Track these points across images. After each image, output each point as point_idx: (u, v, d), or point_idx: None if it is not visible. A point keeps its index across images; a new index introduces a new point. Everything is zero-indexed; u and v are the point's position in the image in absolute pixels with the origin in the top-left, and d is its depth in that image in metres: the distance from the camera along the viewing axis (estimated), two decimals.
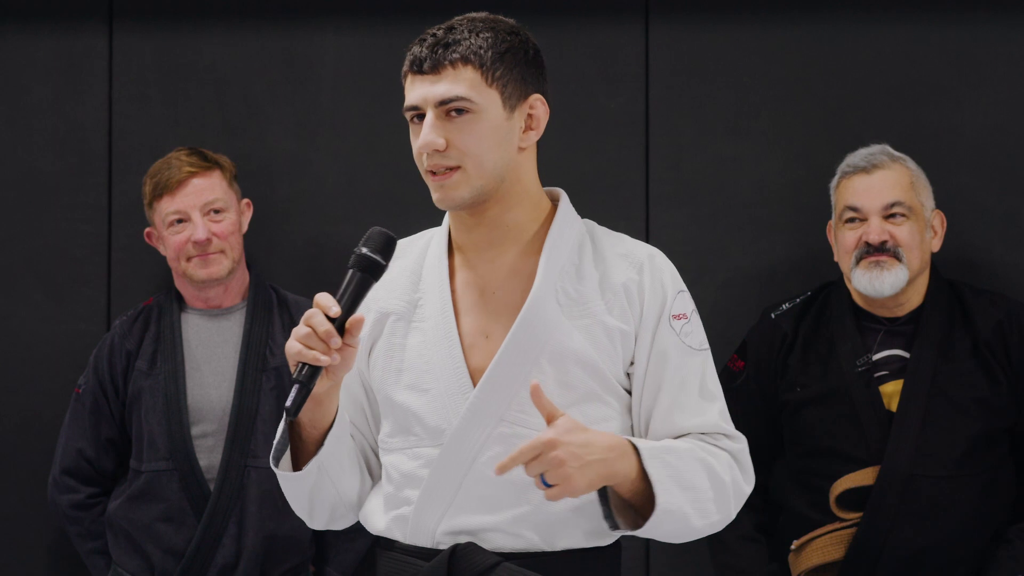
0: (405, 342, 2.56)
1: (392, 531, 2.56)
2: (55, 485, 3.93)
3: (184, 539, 3.81)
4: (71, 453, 3.91)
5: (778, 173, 4.08)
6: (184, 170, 3.84)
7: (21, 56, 4.20)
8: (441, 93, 2.48)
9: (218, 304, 3.93)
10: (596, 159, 4.09)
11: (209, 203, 3.85)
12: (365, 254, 2.41)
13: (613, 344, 2.52)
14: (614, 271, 2.55)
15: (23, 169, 4.19)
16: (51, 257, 4.18)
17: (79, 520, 3.91)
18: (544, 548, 2.50)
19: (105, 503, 3.91)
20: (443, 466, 2.50)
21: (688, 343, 2.56)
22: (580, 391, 2.51)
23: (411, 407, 2.54)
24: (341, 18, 4.17)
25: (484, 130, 2.49)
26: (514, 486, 2.47)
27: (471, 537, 2.50)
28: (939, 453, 3.63)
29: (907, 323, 3.73)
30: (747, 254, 4.07)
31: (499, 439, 2.48)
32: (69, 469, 3.91)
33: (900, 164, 3.73)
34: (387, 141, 4.13)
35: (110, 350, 3.91)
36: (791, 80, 4.09)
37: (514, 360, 2.49)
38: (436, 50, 2.49)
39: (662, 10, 4.10)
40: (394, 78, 4.20)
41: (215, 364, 3.88)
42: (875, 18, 4.07)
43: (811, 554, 3.67)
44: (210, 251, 3.83)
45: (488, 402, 2.49)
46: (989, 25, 4.05)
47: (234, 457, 3.80)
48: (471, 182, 2.50)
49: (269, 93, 4.18)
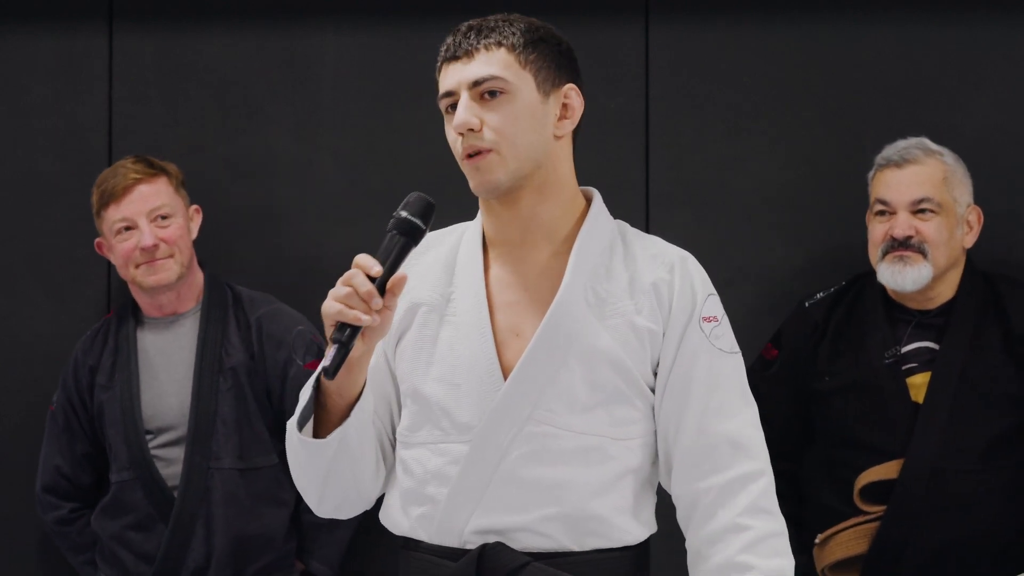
0: (437, 334, 2.54)
1: (416, 531, 2.53)
2: (39, 503, 3.97)
3: (154, 545, 3.82)
4: (49, 471, 3.94)
5: (778, 173, 4.08)
6: (130, 177, 3.84)
7: (21, 56, 4.20)
8: (474, 73, 2.47)
9: (172, 311, 3.93)
10: (596, 159, 4.09)
11: (155, 209, 3.84)
12: (406, 217, 2.39)
13: (642, 344, 2.51)
14: (644, 271, 2.55)
15: (23, 169, 4.19)
16: (51, 257, 4.18)
17: (66, 535, 3.95)
18: (573, 548, 2.49)
19: (88, 516, 3.94)
20: (472, 464, 2.48)
21: (718, 346, 2.55)
22: (608, 391, 2.50)
23: (441, 401, 2.51)
24: (341, 18, 4.17)
25: (518, 111, 2.48)
26: (543, 486, 2.47)
27: (499, 537, 2.48)
28: (965, 447, 3.62)
29: (938, 316, 3.72)
30: (747, 254, 4.07)
31: (527, 438, 2.47)
32: (48, 486, 3.95)
33: (935, 159, 3.72)
34: (387, 141, 4.13)
35: (74, 367, 3.94)
36: (791, 80, 4.08)
37: (542, 358, 2.48)
38: (469, 36, 2.50)
39: (662, 10, 4.10)
40: (394, 78, 4.23)
41: (172, 371, 3.89)
42: (875, 18, 4.07)
43: (835, 548, 3.67)
44: (158, 257, 3.83)
45: (516, 400, 2.48)
46: (989, 25, 4.05)
47: (195, 460, 3.80)
48: (507, 164, 2.48)
49: (269, 93, 4.18)
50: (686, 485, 2.54)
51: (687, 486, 2.54)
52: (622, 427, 2.50)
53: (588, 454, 2.49)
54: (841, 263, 3.96)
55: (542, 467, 2.47)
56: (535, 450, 2.45)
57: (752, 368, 3.84)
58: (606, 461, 2.50)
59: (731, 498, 2.51)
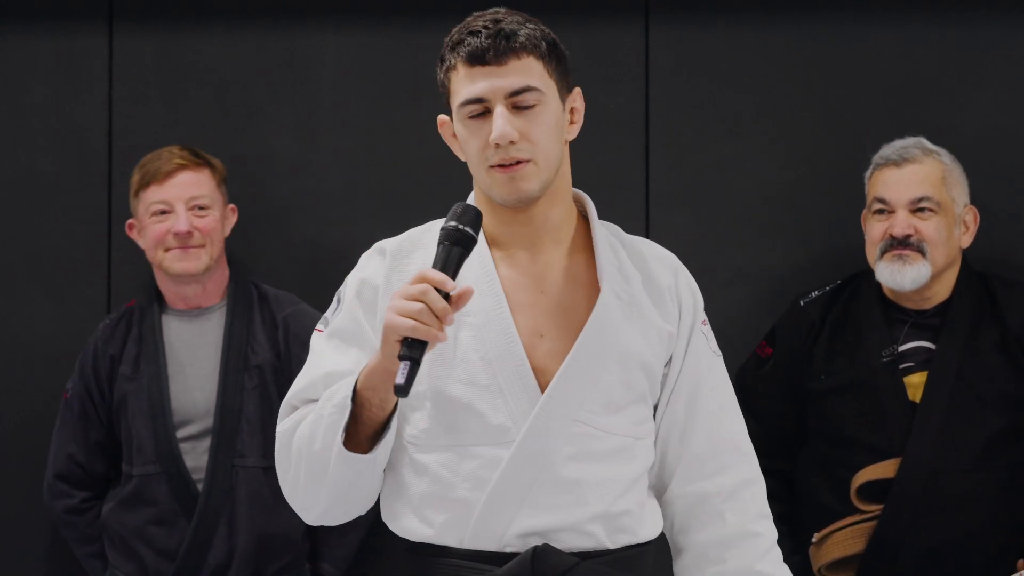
0: (455, 335, 2.47)
1: (444, 537, 2.47)
2: (49, 491, 3.94)
3: (176, 541, 3.81)
4: (62, 458, 3.92)
5: (778, 173, 4.08)
6: (174, 162, 3.85)
7: (21, 56, 4.20)
8: (513, 84, 2.42)
9: (197, 304, 3.92)
10: (596, 159, 4.09)
11: (195, 198, 3.85)
12: (461, 229, 2.36)
13: (663, 345, 2.54)
14: (656, 274, 2.57)
15: (23, 169, 4.19)
16: (51, 257, 4.17)
17: (74, 524, 3.92)
18: (609, 546, 2.49)
19: (99, 506, 3.92)
20: (515, 467, 2.45)
21: (712, 348, 2.61)
22: (637, 392, 2.52)
23: (470, 402, 2.47)
24: (341, 18, 4.17)
25: (551, 122, 2.46)
26: (584, 486, 2.47)
27: (542, 538, 2.46)
28: (962, 446, 3.62)
29: (934, 315, 3.73)
30: (747, 254, 4.07)
31: (571, 439, 2.47)
32: (61, 474, 3.92)
33: (933, 159, 3.73)
34: (387, 141, 4.13)
35: (94, 355, 3.92)
36: (791, 80, 4.08)
37: (586, 361, 2.48)
38: (499, 40, 2.42)
39: (662, 10, 4.10)
40: (394, 78, 4.23)
41: (198, 365, 3.88)
42: (875, 18, 4.07)
43: (831, 547, 3.67)
44: (190, 244, 3.83)
45: (561, 402, 2.46)
46: (989, 25, 4.05)
47: (220, 458, 3.80)
48: (541, 175, 2.46)
49: (269, 93, 4.18)
50: (689, 485, 2.57)
51: (690, 486, 2.57)
52: (641, 426, 2.53)
53: (620, 453, 2.50)
54: (841, 263, 3.96)
55: (584, 467, 2.47)
56: (578, 451, 2.46)
57: (746, 366, 3.84)
58: (632, 460, 2.52)
59: (740, 502, 2.57)
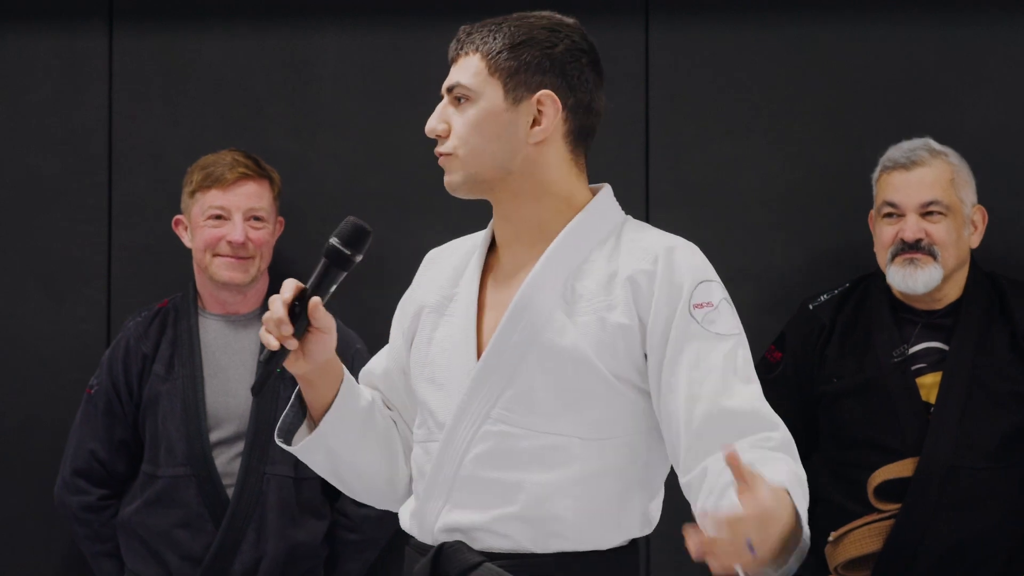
0: (433, 335, 2.56)
1: (412, 527, 2.57)
2: (65, 486, 3.89)
3: (202, 545, 3.79)
4: (83, 454, 3.88)
5: (778, 173, 4.08)
6: (239, 170, 3.85)
7: (21, 56, 4.20)
8: (450, 79, 2.54)
9: (235, 310, 3.92)
10: (596, 159, 4.08)
11: (253, 209, 3.86)
12: (330, 242, 2.50)
13: (614, 341, 2.45)
14: (625, 264, 2.48)
15: (23, 169, 4.19)
16: (51, 257, 4.17)
17: (88, 522, 3.88)
18: (534, 550, 2.46)
19: (115, 506, 3.89)
20: (439, 462, 2.50)
21: (714, 330, 2.44)
22: (578, 393, 2.45)
23: (428, 400, 2.54)
24: (341, 18, 4.17)
25: (477, 118, 2.50)
26: (501, 485, 2.46)
27: (463, 535, 2.48)
28: (977, 445, 3.63)
29: (945, 316, 3.73)
30: (747, 254, 4.07)
31: (485, 436, 2.46)
32: (80, 470, 3.88)
33: (941, 160, 3.73)
34: (387, 141, 4.13)
35: (125, 352, 3.89)
36: (791, 80, 4.09)
37: (500, 357, 2.47)
38: (459, 40, 2.55)
39: (662, 10, 4.10)
40: (394, 78, 4.23)
41: (233, 371, 3.87)
42: (875, 18, 4.07)
43: (848, 546, 3.67)
44: (242, 255, 3.84)
45: (475, 398, 2.47)
46: (989, 25, 4.05)
47: (253, 464, 3.79)
48: (465, 168, 2.51)
49: (269, 93, 4.18)
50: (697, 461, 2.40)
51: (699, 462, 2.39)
52: (596, 427, 2.45)
53: (548, 454, 2.45)
54: (842, 263, 3.96)
55: (500, 466, 2.46)
56: (492, 449, 2.45)
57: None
58: (570, 462, 2.45)
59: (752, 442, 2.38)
